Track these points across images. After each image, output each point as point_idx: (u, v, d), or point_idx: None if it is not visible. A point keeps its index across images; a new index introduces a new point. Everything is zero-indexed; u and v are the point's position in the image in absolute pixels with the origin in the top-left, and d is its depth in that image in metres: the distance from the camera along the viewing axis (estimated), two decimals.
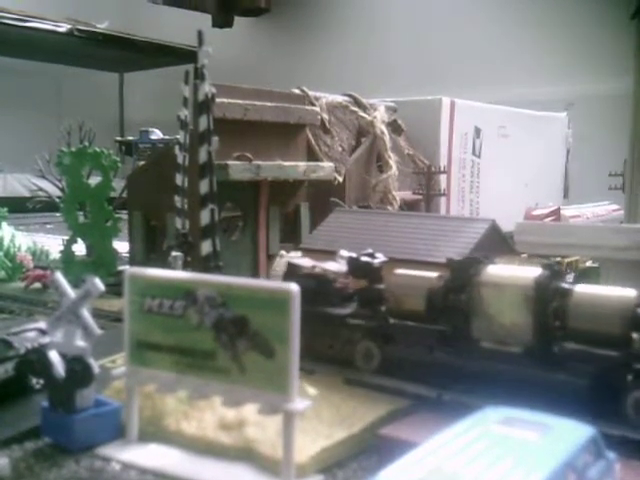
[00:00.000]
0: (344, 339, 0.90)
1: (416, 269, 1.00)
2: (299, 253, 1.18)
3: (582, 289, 0.77)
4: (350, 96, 1.83)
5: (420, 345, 0.85)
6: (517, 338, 0.78)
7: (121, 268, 1.48)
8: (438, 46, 3.68)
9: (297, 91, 1.64)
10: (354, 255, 0.92)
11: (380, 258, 0.91)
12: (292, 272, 0.96)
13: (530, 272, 0.79)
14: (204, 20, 4.10)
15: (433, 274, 0.87)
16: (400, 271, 0.89)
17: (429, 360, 0.84)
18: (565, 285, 0.78)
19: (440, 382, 0.81)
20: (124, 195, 1.59)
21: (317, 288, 0.93)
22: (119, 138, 3.71)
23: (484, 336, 0.80)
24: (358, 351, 0.89)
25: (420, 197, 1.69)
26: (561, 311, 0.77)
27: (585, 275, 1.48)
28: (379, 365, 0.87)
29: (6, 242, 1.69)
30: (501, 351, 0.79)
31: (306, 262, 0.96)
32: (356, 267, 0.91)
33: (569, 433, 0.54)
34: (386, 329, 0.87)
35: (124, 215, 1.55)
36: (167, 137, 3.25)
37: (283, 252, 1.30)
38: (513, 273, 0.80)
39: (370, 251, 0.92)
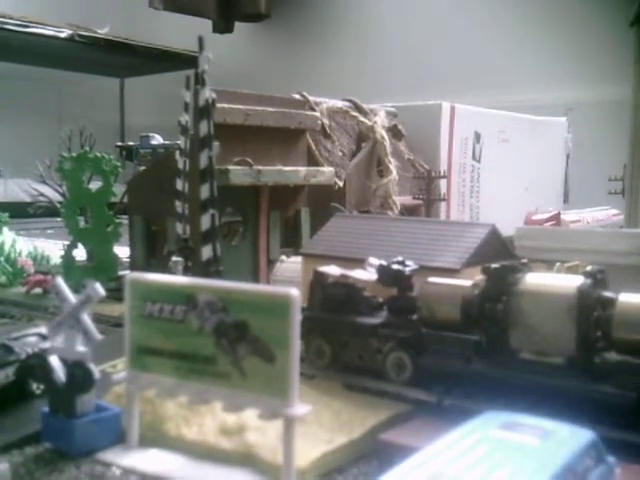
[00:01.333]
0: (374, 349, 0.88)
1: (420, 274, 1.00)
2: (299, 258, 1.18)
3: (626, 298, 0.75)
4: (350, 101, 1.84)
5: (454, 356, 0.82)
6: (558, 349, 0.76)
7: (122, 273, 1.48)
8: (438, 51, 3.69)
9: (297, 96, 1.64)
10: (384, 263, 0.90)
11: (411, 266, 0.89)
12: (319, 280, 0.94)
13: (572, 281, 0.77)
14: (205, 26, 4.11)
15: (467, 282, 0.85)
16: (433, 279, 0.87)
17: (464, 371, 0.81)
18: (608, 294, 0.76)
19: (477, 394, 0.78)
20: (125, 200, 1.59)
21: (345, 297, 0.91)
22: (120, 143, 3.73)
23: (523, 347, 0.78)
24: (389, 362, 0.86)
25: (420, 202, 1.69)
26: (604, 321, 0.74)
27: None
28: (411, 376, 0.85)
29: (7, 247, 1.69)
30: (542, 362, 0.77)
31: (333, 270, 0.94)
32: (386, 275, 0.89)
33: (569, 437, 0.54)
34: (419, 339, 0.85)
35: (125, 220, 1.55)
36: (168, 142, 3.26)
37: (284, 257, 1.30)
38: (554, 282, 0.78)
39: (400, 259, 0.90)
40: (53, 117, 4.80)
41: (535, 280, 0.79)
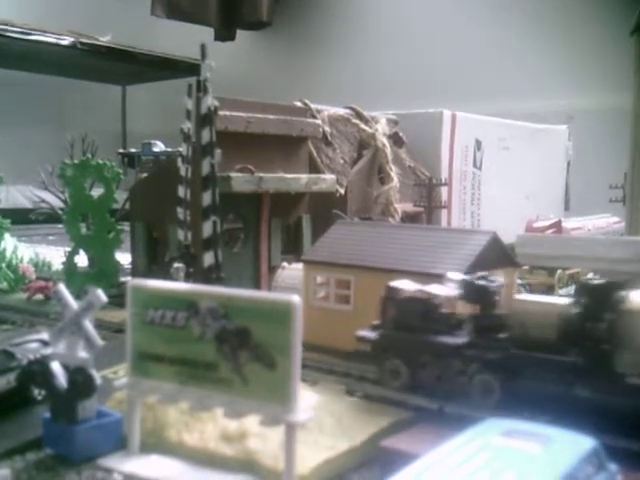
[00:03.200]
0: (455, 371, 0.82)
1: (417, 281, 1.00)
2: (300, 265, 1.18)
3: None
4: (352, 109, 1.84)
5: (550, 379, 0.76)
6: None
7: (123, 280, 1.48)
8: (439, 59, 3.70)
9: (299, 104, 1.65)
10: (468, 278, 0.85)
11: (497, 281, 0.84)
12: (392, 296, 0.89)
13: None
14: (206, 33, 4.12)
15: (564, 300, 0.79)
16: (526, 297, 0.82)
17: (564, 397, 0.74)
18: None
19: (580, 422, 0.71)
20: (126, 207, 1.59)
21: (422, 314, 0.86)
22: (122, 150, 3.73)
23: (631, 370, 0.72)
24: (474, 385, 0.80)
25: (421, 209, 1.69)
26: None
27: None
28: (499, 400, 0.78)
29: (8, 253, 1.69)
30: None
31: (407, 285, 0.89)
32: (471, 291, 0.84)
33: (571, 445, 0.54)
34: (509, 360, 0.79)
35: (126, 227, 1.55)
36: (169, 149, 3.27)
37: (285, 264, 1.30)
38: None
39: (484, 274, 0.86)
40: (55, 124, 4.81)
41: None
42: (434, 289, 0.88)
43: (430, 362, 0.84)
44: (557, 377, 0.75)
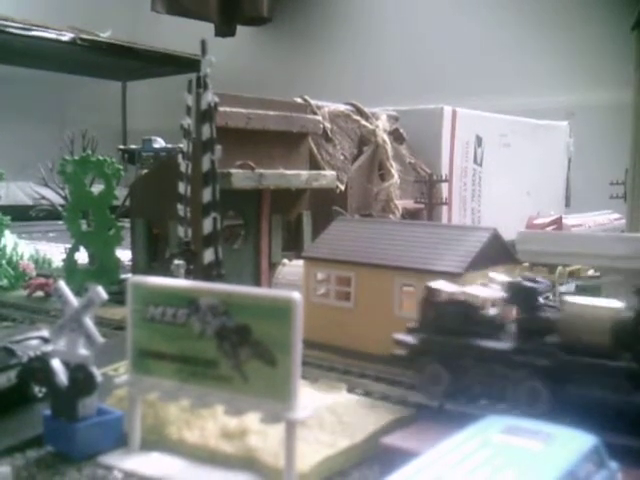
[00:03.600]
0: (500, 376, 0.78)
1: (421, 278, 1.00)
2: (301, 261, 1.18)
3: None
4: (352, 105, 1.84)
5: (603, 386, 0.72)
6: None
7: (124, 276, 1.48)
8: (440, 55, 3.69)
9: (299, 100, 1.64)
10: (514, 280, 0.82)
11: (544, 283, 0.81)
12: (431, 297, 0.86)
13: None
14: (207, 29, 4.11)
15: (617, 303, 0.76)
16: (576, 299, 0.79)
17: (613, 402, 0.71)
18: None
19: (633, 430, 0.69)
20: (127, 203, 1.59)
21: (463, 316, 0.83)
22: (122, 146, 3.73)
23: None
24: (521, 391, 0.77)
25: (422, 206, 1.69)
26: None
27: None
28: (548, 408, 0.75)
29: (9, 250, 1.69)
30: None
31: (447, 286, 0.87)
32: (517, 293, 0.81)
33: (571, 442, 0.54)
34: (559, 366, 0.75)
35: (127, 223, 1.55)
36: (170, 146, 3.27)
37: (285, 260, 1.30)
38: None
39: (530, 275, 0.83)
40: (55, 120, 4.81)
41: None
42: (476, 290, 0.85)
43: (472, 367, 0.80)
44: (610, 383, 0.72)
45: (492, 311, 0.84)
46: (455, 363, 0.81)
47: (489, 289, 0.87)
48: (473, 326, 0.82)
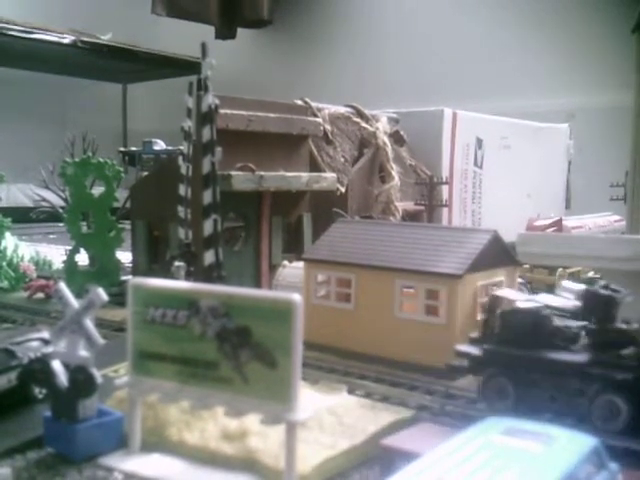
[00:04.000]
0: (573, 391, 0.74)
1: (421, 280, 1.00)
2: (301, 263, 1.18)
3: None
4: (352, 107, 1.84)
5: None
6: None
7: (124, 278, 1.48)
8: (440, 57, 3.69)
9: (300, 102, 1.65)
10: (591, 288, 0.79)
11: (622, 292, 0.78)
12: (497, 306, 0.82)
13: None
14: (207, 32, 4.12)
15: None
16: None
17: None
18: None
19: None
20: (127, 205, 1.59)
21: (532, 326, 0.78)
22: (122, 149, 3.74)
23: None
24: (597, 407, 0.73)
25: (422, 208, 1.69)
26: None
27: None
28: (627, 424, 0.71)
29: (9, 252, 1.69)
30: None
31: (513, 294, 0.84)
32: (595, 302, 0.77)
33: (572, 444, 0.54)
34: None
35: (127, 225, 1.55)
36: (170, 148, 3.27)
37: (286, 262, 1.30)
38: None
39: (606, 283, 0.80)
40: (56, 122, 4.81)
41: None
42: (546, 299, 0.82)
43: (542, 381, 0.76)
44: None
45: (563, 321, 0.80)
46: (523, 376, 0.77)
47: (561, 298, 0.83)
48: (542, 337, 0.78)
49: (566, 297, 0.83)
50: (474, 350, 0.81)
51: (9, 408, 0.81)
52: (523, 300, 0.82)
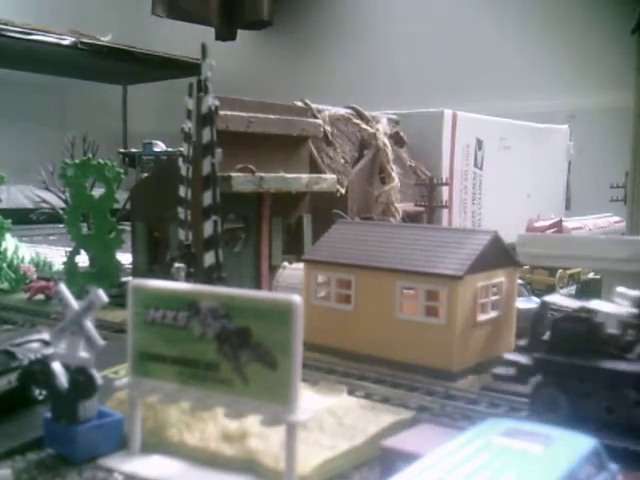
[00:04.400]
0: (631, 402, 0.72)
1: (422, 281, 1.00)
2: (301, 264, 1.18)
3: None
4: (352, 108, 1.84)
5: None
6: None
7: (124, 279, 1.48)
8: (440, 59, 3.70)
9: (300, 104, 1.65)
10: None
11: None
12: (546, 312, 0.80)
13: None
14: (207, 33, 4.12)
15: None
16: None
17: None
18: None
19: None
20: (127, 207, 1.59)
21: (585, 334, 0.75)
22: (123, 150, 3.74)
23: None
24: None
25: (422, 209, 1.69)
26: None
27: (587, 287, 1.48)
28: None
29: (9, 253, 1.69)
30: None
31: (564, 300, 0.81)
32: None
33: (571, 445, 0.54)
34: None
35: (127, 227, 1.55)
36: (170, 149, 3.28)
37: (286, 263, 1.30)
38: None
39: None
40: (56, 124, 4.81)
41: None
42: (600, 305, 0.78)
43: (596, 391, 0.73)
44: None
45: (618, 329, 0.77)
46: (575, 387, 0.74)
47: (615, 304, 0.80)
48: (597, 345, 0.74)
49: (620, 303, 0.80)
50: (522, 359, 0.79)
51: (9, 409, 0.81)
52: (575, 307, 0.79)
